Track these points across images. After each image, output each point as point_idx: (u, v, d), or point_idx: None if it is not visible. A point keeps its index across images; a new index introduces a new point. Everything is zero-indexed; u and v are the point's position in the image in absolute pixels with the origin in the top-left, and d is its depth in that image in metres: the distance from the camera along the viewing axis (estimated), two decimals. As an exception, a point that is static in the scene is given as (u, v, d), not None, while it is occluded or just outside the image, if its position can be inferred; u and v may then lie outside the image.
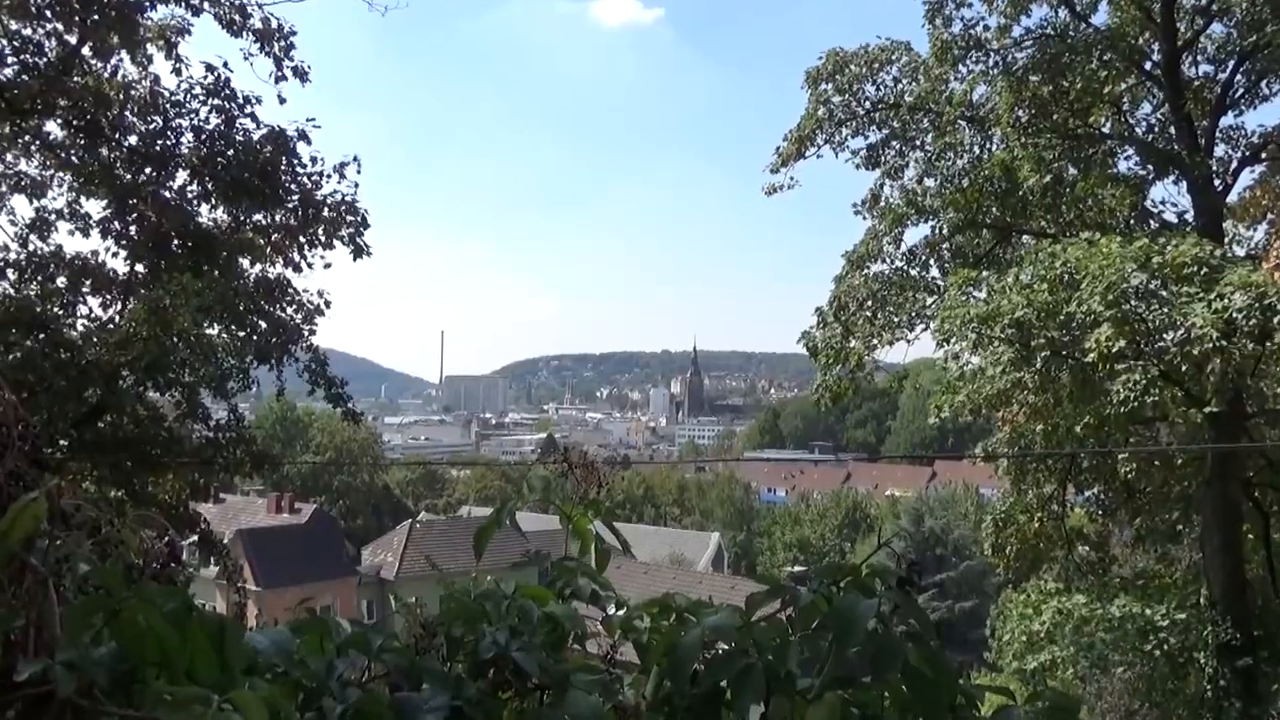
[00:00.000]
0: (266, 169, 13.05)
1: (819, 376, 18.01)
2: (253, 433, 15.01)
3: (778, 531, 73.92)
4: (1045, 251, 13.29)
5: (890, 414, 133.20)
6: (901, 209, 17.77)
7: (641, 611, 1.98)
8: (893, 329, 17.09)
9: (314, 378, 13.88)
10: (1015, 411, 15.09)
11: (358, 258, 13.93)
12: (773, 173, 18.26)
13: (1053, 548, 17.47)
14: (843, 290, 17.67)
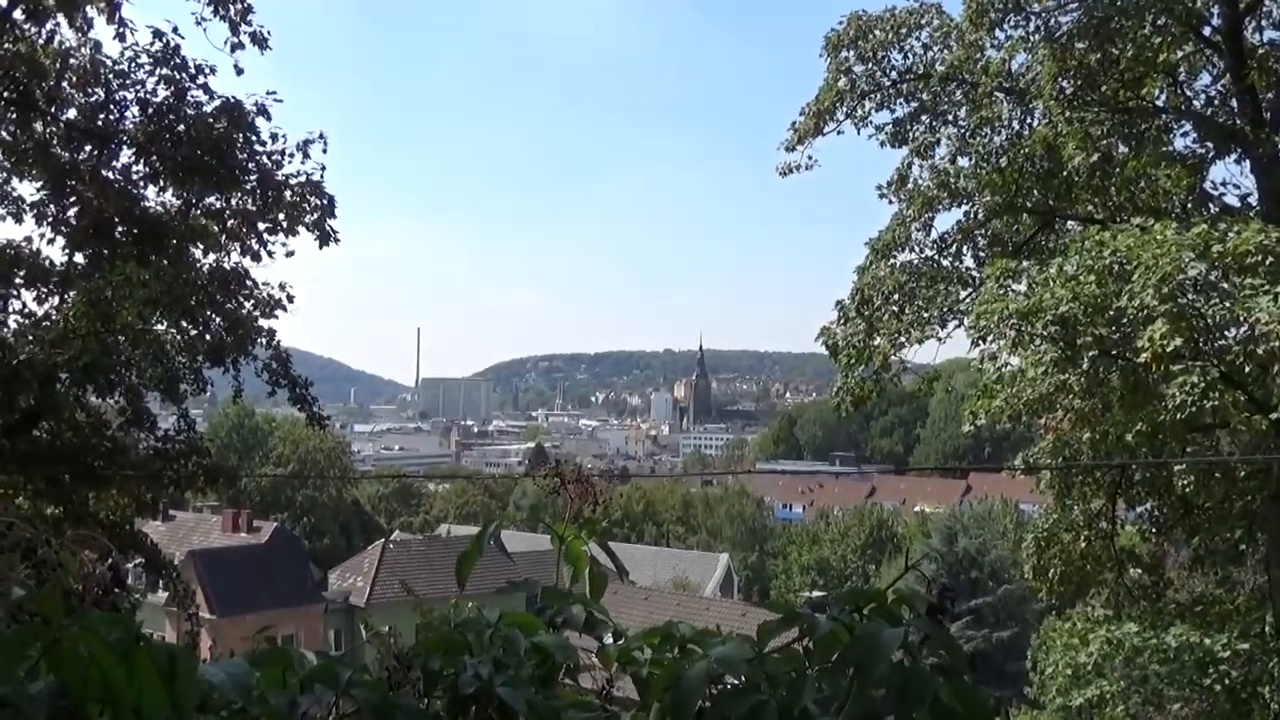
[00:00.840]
0: (221, 146, 13.06)
1: (839, 379, 18.00)
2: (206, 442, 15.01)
3: (794, 552, 73.92)
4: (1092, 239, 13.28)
5: (919, 421, 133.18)
6: (932, 191, 17.76)
7: (641, 642, 1.98)
8: (922, 325, 17.07)
9: (275, 379, 13.88)
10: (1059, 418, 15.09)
11: (324, 245, 13.94)
12: (788, 150, 18.25)
13: (1101, 570, 17.46)
14: (866, 282, 17.65)
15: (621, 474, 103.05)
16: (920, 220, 17.85)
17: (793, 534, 79.01)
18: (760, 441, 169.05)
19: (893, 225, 18.03)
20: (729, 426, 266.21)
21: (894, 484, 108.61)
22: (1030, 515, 48.42)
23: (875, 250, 17.97)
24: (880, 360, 17.33)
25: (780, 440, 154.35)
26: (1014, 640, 46.37)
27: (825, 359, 18.75)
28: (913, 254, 17.95)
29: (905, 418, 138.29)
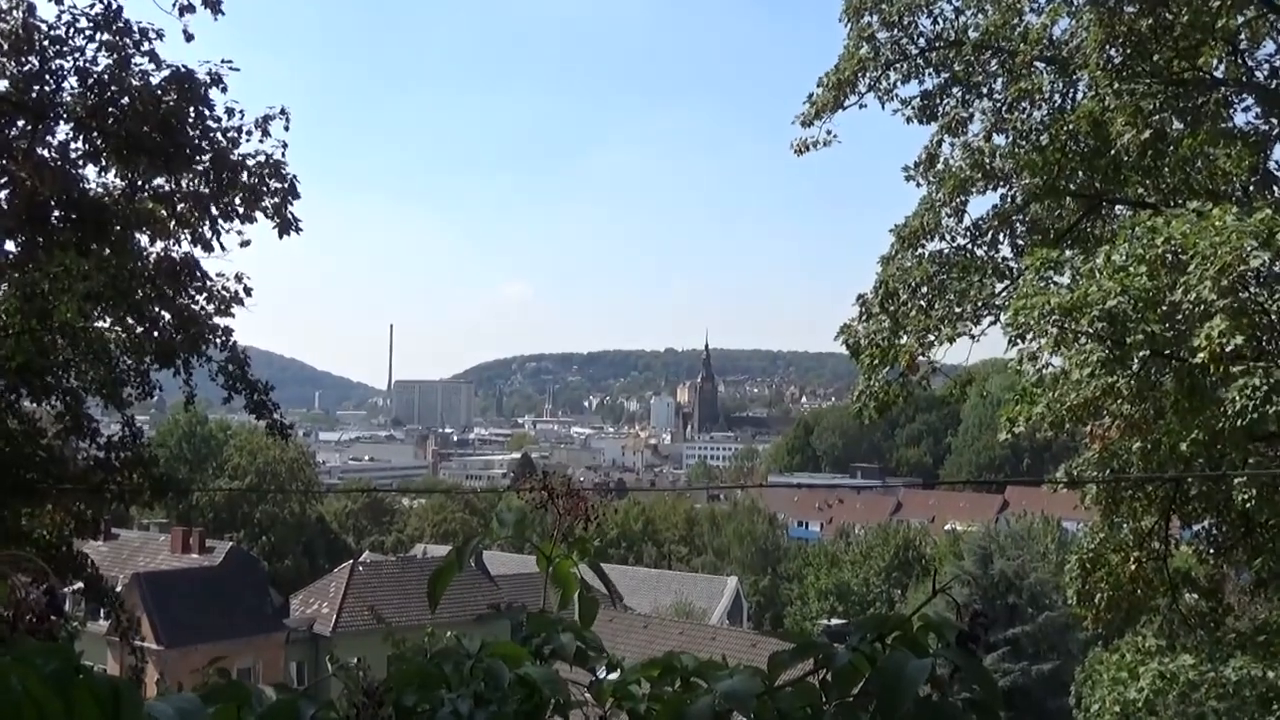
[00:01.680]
0: (170, 122, 13.04)
1: (861, 381, 17.98)
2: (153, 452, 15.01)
3: (810, 575, 73.94)
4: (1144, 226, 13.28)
5: (950, 429, 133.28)
6: (964, 172, 17.75)
7: (639, 674, 1.98)
8: (953, 322, 17.06)
9: (231, 382, 13.89)
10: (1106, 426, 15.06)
11: (285, 234, 13.93)
12: (804, 125, 18.23)
13: (1153, 595, 17.46)
14: (891, 274, 17.64)
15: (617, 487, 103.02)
16: (951, 205, 17.83)
17: (809, 555, 79.02)
18: (773, 451, 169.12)
19: (921, 210, 18.01)
20: (738, 435, 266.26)
21: (922, 499, 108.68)
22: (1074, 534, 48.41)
23: (901, 238, 17.96)
24: (907, 361, 17.31)
25: (795, 450, 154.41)
26: (1055, 674, 46.33)
27: (845, 359, 18.73)
28: (943, 242, 17.94)
29: (934, 425, 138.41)
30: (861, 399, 18.01)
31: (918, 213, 18.07)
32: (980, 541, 54.97)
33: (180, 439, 76.45)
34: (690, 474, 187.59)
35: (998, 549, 53.33)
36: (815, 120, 18.14)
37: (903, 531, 78.05)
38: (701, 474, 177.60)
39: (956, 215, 17.94)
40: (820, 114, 18.10)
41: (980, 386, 61.81)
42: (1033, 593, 50.82)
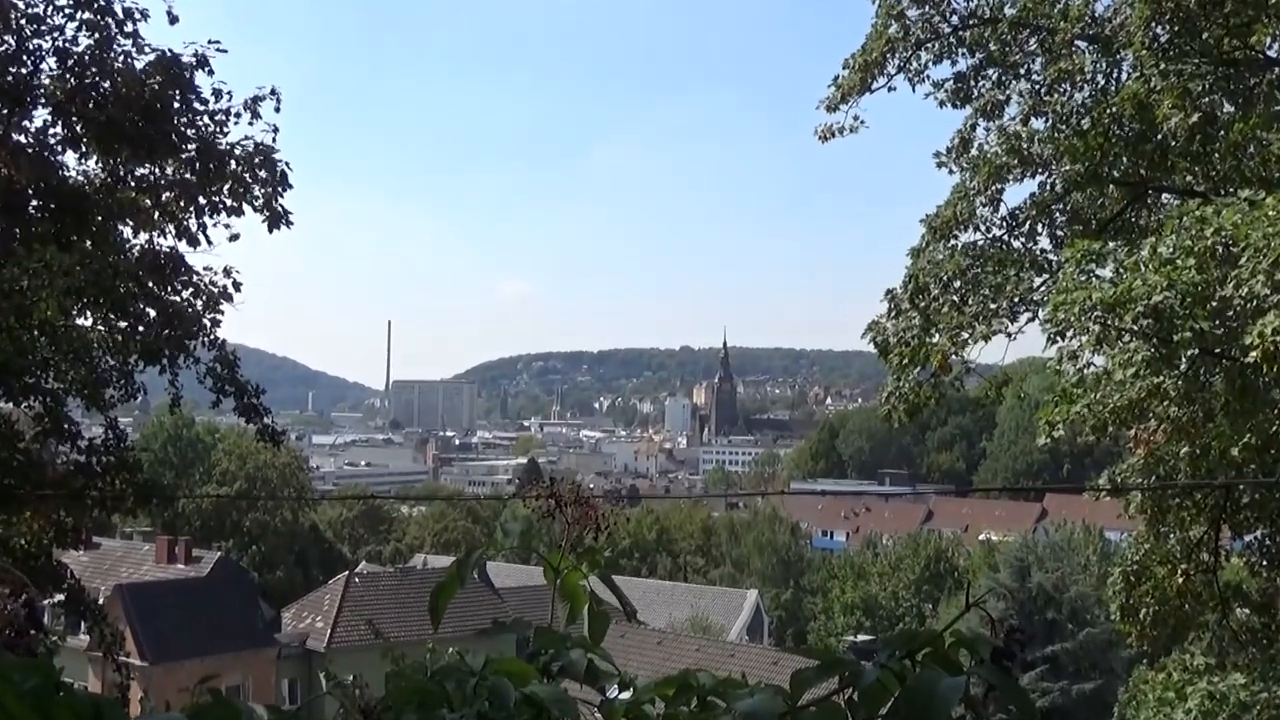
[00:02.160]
0: (154, 107, 13.08)
1: (890, 382, 17.95)
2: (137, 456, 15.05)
3: (835, 588, 73.88)
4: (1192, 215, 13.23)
5: (985, 432, 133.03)
6: (1000, 159, 17.70)
7: (653, 694, 1.99)
8: (988, 318, 17.02)
9: (219, 383, 13.92)
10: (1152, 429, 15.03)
11: (275, 226, 13.97)
12: (829, 110, 18.21)
13: (1202, 610, 17.41)
14: (922, 267, 17.61)
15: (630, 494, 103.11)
16: (986, 193, 17.79)
17: (834, 566, 78.95)
18: (795, 456, 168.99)
19: (953, 199, 17.98)
20: (758, 438, 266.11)
21: (954, 508, 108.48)
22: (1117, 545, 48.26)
23: (932, 229, 17.93)
24: (939, 360, 17.27)
25: (819, 455, 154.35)
26: (1098, 694, 46.26)
27: (873, 359, 18.69)
28: (977, 233, 17.90)
29: (968, 429, 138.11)
30: (890, 401, 17.97)
31: (950, 202, 18.03)
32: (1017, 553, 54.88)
33: (165, 442, 76.64)
34: (707, 480, 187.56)
35: (1035, 561, 53.23)
36: (841, 104, 18.12)
37: (934, 542, 77.88)
38: (719, 480, 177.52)
39: (991, 204, 17.89)
40: (846, 98, 18.07)
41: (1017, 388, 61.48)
42: (1073, 607, 50.71)
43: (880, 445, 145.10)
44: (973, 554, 75.22)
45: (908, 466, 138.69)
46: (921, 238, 18.05)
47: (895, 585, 72.22)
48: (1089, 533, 63.55)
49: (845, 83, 18.09)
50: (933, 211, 18.03)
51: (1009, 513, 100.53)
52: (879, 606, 70.66)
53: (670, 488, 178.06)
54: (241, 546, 70.25)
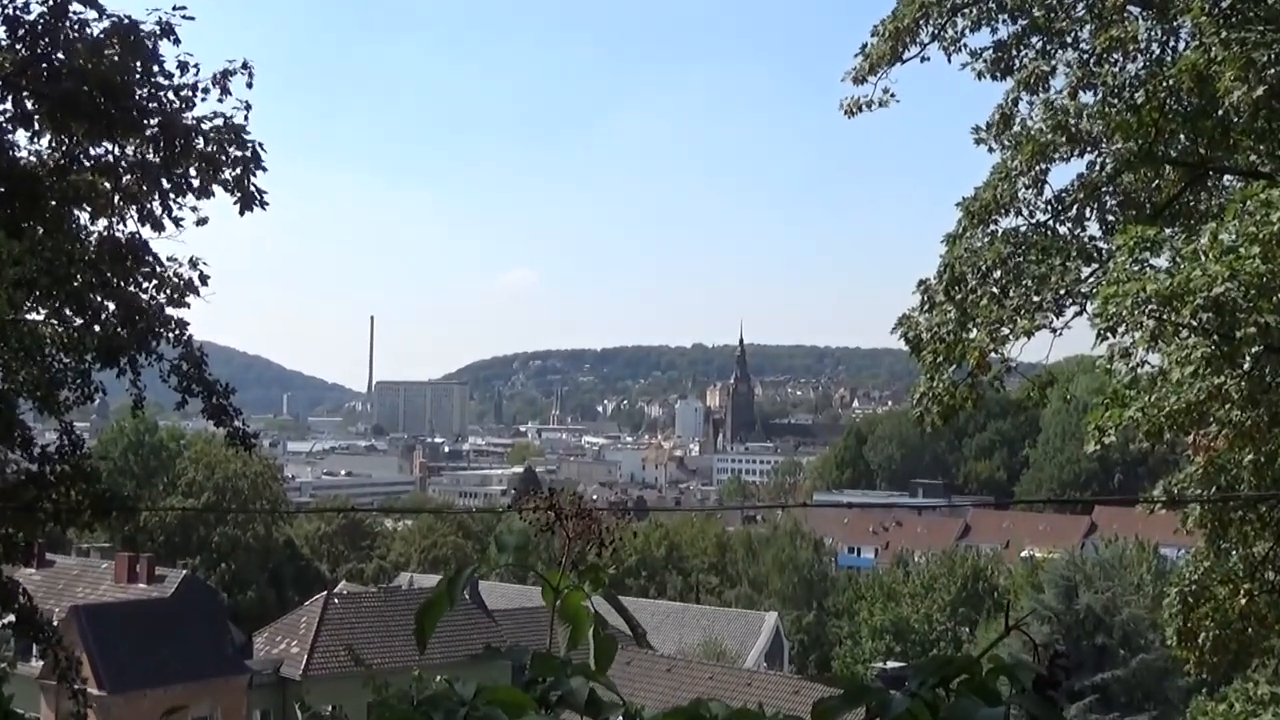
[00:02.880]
0: (112, 80, 13.09)
1: (923, 382, 17.92)
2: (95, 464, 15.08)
3: (862, 610, 73.84)
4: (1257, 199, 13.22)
5: (1028, 438, 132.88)
6: (1045, 136, 17.67)
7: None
8: (1032, 312, 16.99)
9: (186, 383, 13.94)
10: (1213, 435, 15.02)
11: (248, 209, 13.98)
12: (856, 83, 18.18)
13: (1267, 635, 17.38)
14: (958, 255, 17.58)
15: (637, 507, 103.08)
16: (1029, 174, 17.75)
17: (861, 586, 78.88)
18: (819, 465, 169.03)
19: (993, 180, 17.94)
20: (778, 445, 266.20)
21: (994, 521, 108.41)
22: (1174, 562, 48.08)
23: (970, 213, 17.89)
24: (976, 358, 17.24)
25: (845, 463, 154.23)
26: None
27: (904, 356, 18.68)
28: (1020, 218, 17.86)
29: (1009, 434, 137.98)
30: (923, 403, 17.94)
31: (990, 183, 17.99)
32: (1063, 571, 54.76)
33: (126, 449, 76.77)
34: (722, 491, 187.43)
35: (1083, 580, 53.12)
36: (869, 76, 18.09)
37: (971, 559, 77.83)
38: (735, 491, 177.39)
39: (1035, 186, 17.85)
40: (875, 68, 18.04)
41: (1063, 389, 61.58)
42: (1125, 631, 50.61)
43: (912, 453, 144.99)
44: (1014, 572, 75.08)
45: (942, 476, 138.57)
46: (958, 223, 18.01)
47: (928, 607, 72.15)
48: (1143, 549, 63.40)
49: (874, 52, 18.06)
50: (970, 194, 18.00)
51: (1054, 527, 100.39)
52: (910, 630, 70.58)
53: (681, 499, 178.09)
54: (209, 564, 70.33)
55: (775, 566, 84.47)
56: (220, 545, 72.48)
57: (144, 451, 78.41)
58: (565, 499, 2.60)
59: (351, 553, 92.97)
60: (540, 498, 2.63)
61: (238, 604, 64.89)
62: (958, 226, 18.01)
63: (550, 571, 2.40)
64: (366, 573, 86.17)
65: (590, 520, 2.52)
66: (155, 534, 68.91)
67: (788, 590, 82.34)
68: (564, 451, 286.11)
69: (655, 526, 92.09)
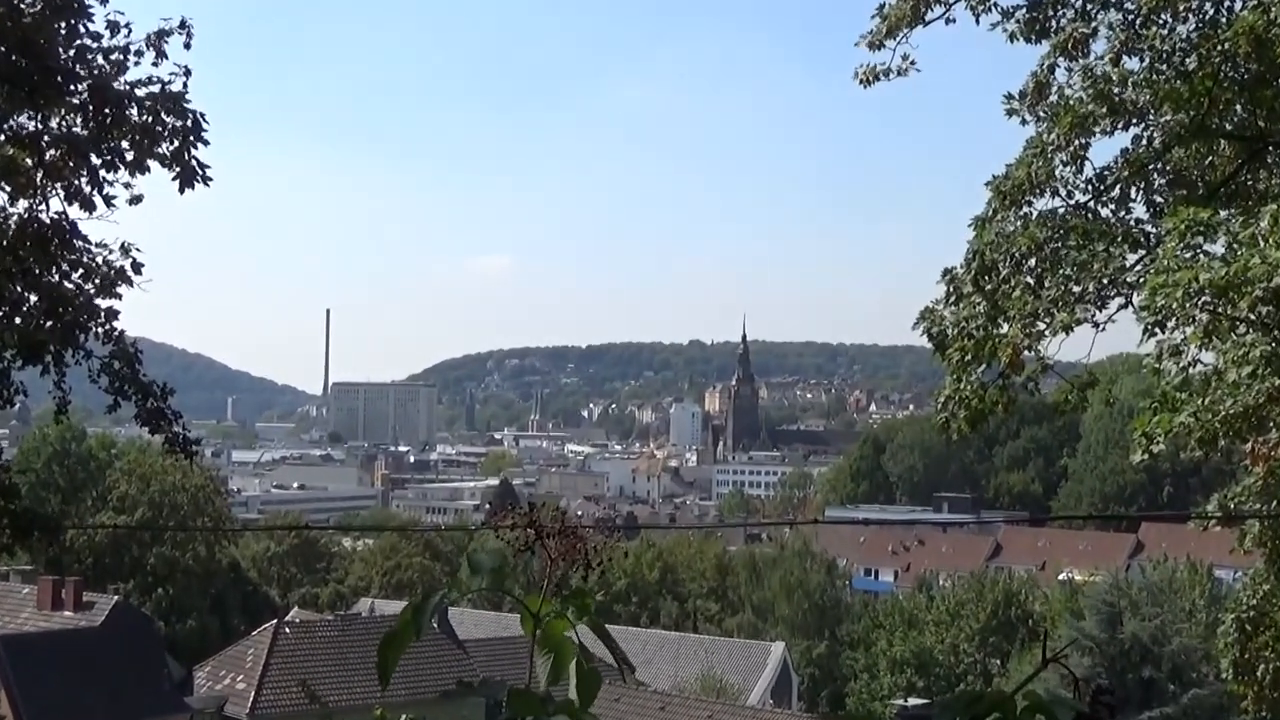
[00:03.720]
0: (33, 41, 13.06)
1: (948, 384, 17.94)
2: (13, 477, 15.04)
3: (880, 640, 73.89)
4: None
5: (1067, 446, 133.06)
6: (1085, 106, 17.69)
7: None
8: (1071, 304, 17.01)
9: (117, 383, 13.91)
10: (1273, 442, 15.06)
11: (188, 186, 13.95)
12: (872, 48, 18.18)
13: (1335, 667, 17.42)
14: (988, 241, 17.59)
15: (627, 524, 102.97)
16: (1068, 149, 17.77)
17: (879, 613, 78.94)
18: (832, 477, 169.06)
19: (1027, 157, 17.96)
20: (785, 454, 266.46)
21: (1028, 540, 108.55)
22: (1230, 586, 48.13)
23: (1001, 193, 17.90)
24: (1009, 356, 17.26)
25: (861, 475, 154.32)
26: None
27: (927, 355, 18.68)
28: (1057, 199, 17.88)
29: (1045, 442, 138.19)
30: (948, 407, 17.96)
31: (1023, 160, 18.01)
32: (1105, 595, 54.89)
33: (49, 460, 76.56)
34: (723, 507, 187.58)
35: (1129, 605, 53.24)
36: (886, 40, 18.10)
37: (1003, 582, 77.85)
38: (737, 506, 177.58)
39: (1074, 163, 17.87)
40: (894, 31, 18.05)
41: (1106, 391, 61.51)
42: (1175, 663, 50.74)
43: (936, 463, 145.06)
44: (1051, 597, 75.12)
45: (970, 489, 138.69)
46: (987, 204, 18.02)
47: (955, 636, 72.17)
48: (1195, 571, 63.41)
49: (892, 12, 18.06)
50: (1001, 172, 18.01)
51: (1096, 546, 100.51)
52: (935, 663, 70.62)
53: (676, 516, 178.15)
54: (144, 589, 70.20)
55: (782, 591, 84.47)
56: (156, 568, 72.33)
57: (70, 462, 78.21)
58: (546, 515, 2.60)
59: (305, 576, 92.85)
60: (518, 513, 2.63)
61: (176, 634, 64.79)
62: (987, 208, 18.02)
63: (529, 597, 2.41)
64: (322, 598, 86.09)
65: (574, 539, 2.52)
66: (83, 555, 68.75)
67: (796, 617, 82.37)
68: (544, 462, 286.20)
69: (647, 546, 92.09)
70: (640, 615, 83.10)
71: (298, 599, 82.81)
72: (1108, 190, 18.06)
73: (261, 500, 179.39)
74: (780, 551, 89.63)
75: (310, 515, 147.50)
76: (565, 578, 2.53)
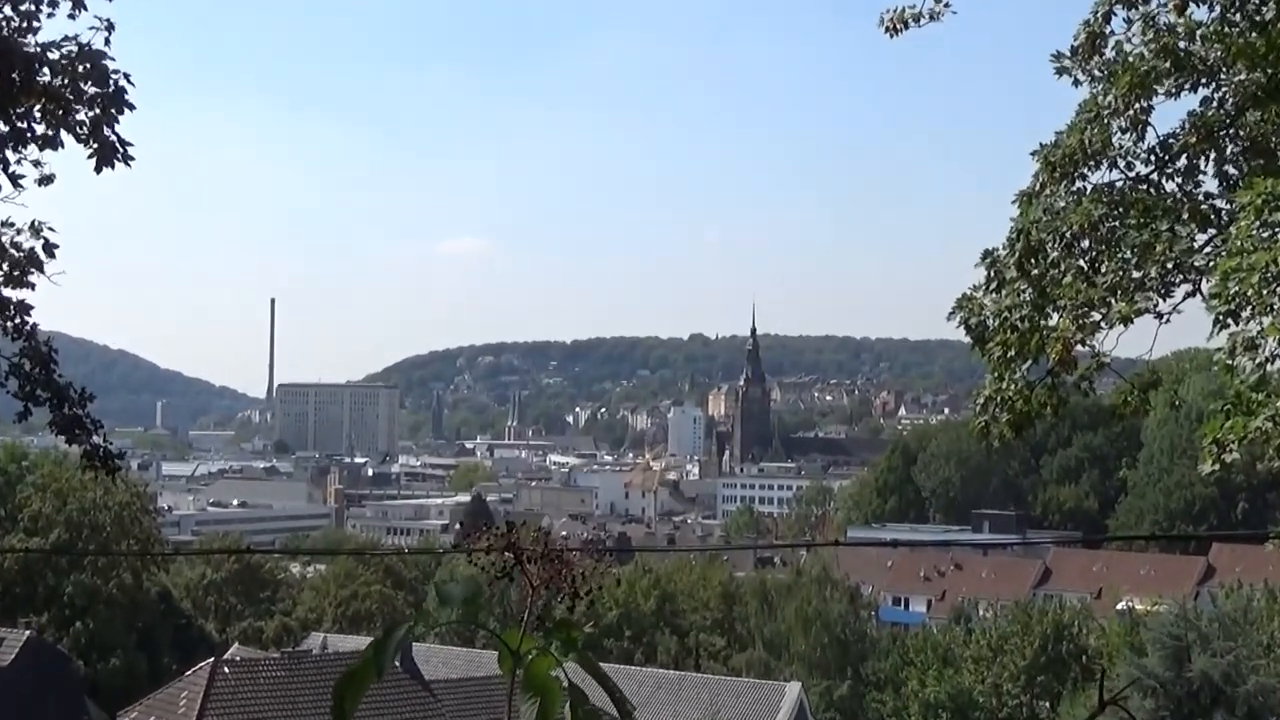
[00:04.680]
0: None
1: (989, 383, 17.96)
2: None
3: (912, 679, 73.99)
4: None
5: (1126, 456, 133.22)
6: (1146, 63, 17.74)
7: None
8: (1131, 292, 17.04)
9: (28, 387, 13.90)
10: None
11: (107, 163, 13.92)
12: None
13: None
14: (1036, 219, 17.62)
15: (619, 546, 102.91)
16: (1127, 113, 17.80)
17: (910, 648, 79.04)
18: (855, 491, 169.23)
19: (1080, 122, 17.99)
20: (801, 465, 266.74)
21: (1082, 563, 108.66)
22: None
23: (1050, 164, 17.93)
24: (1059, 352, 17.29)
25: (889, 489, 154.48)
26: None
27: (964, 350, 18.69)
28: (1115, 170, 17.91)
29: (1101, 450, 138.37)
30: (989, 410, 17.99)
31: (1075, 126, 18.04)
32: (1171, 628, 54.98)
33: (-49, 474, 76.62)
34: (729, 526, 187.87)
35: (1197, 639, 53.31)
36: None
37: (1053, 613, 77.92)
38: (746, 526, 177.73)
39: (1135, 129, 17.90)
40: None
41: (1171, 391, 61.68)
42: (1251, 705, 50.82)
43: (975, 475, 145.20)
44: (1108, 630, 75.25)
45: (1015, 505, 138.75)
46: (1035, 177, 18.05)
47: (997, 675, 72.23)
48: (1274, 599, 63.57)
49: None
50: (1051, 140, 18.05)
51: (1160, 570, 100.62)
52: (974, 706, 70.70)
53: (676, 537, 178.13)
54: (61, 622, 70.14)
55: (798, 623, 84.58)
56: (75, 598, 72.24)
57: (-25, 476, 78.28)
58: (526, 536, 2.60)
59: (246, 607, 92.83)
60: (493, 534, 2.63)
61: (98, 673, 64.76)
62: (1034, 182, 18.05)
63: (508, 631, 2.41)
64: (266, 633, 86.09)
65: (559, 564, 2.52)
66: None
67: (814, 654, 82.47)
68: (523, 475, 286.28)
69: (643, 572, 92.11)
70: (635, 652, 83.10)
71: (238, 634, 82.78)
72: (1173, 160, 18.09)
73: (196, 520, 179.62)
74: (796, 578, 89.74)
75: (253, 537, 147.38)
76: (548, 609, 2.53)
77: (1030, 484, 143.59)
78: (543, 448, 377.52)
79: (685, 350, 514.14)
